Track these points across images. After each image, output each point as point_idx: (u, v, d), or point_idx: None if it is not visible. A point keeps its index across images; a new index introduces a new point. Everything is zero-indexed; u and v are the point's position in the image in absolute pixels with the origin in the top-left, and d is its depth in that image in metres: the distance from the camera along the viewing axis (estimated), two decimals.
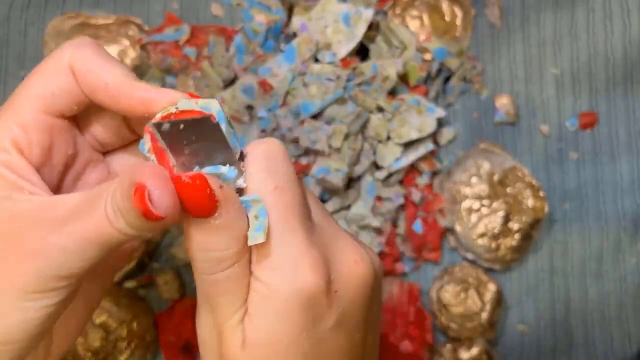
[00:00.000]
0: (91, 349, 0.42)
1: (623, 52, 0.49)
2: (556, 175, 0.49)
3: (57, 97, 0.22)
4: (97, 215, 0.20)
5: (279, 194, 0.22)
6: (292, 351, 0.22)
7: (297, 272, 0.21)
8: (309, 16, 0.46)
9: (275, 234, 0.21)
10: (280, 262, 0.21)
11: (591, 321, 0.47)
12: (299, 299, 0.21)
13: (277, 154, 0.22)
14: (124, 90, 0.22)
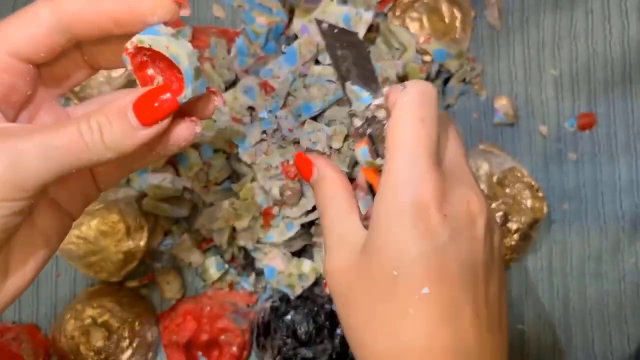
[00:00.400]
0: (93, 348, 0.42)
1: (622, 53, 0.49)
2: (555, 175, 0.49)
3: (28, 45, 0.23)
4: (68, 131, 0.22)
5: (422, 125, 0.25)
6: (397, 257, 0.25)
7: (415, 187, 0.25)
8: (309, 18, 0.46)
9: (406, 155, 0.25)
10: (404, 177, 0.25)
11: (590, 321, 0.48)
12: (413, 209, 0.24)
13: (430, 94, 0.26)
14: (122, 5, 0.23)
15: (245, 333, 0.45)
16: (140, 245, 0.43)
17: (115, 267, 0.43)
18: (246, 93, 0.45)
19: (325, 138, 0.43)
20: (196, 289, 0.47)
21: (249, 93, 0.45)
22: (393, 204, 0.25)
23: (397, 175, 0.25)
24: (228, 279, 0.46)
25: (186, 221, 0.46)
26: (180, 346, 0.44)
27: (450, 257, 0.25)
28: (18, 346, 0.43)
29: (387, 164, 0.26)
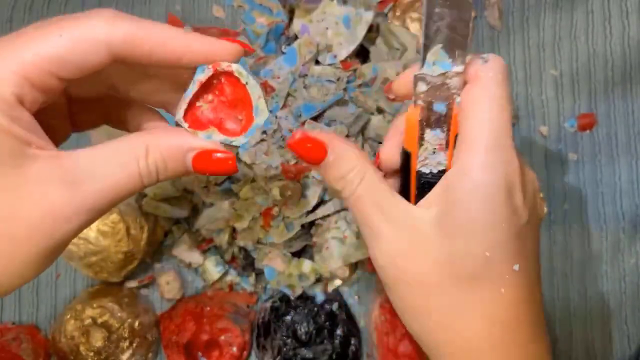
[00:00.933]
0: (93, 348, 0.42)
1: (622, 53, 0.49)
2: (555, 176, 0.49)
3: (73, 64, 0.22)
4: (130, 174, 0.23)
5: (508, 104, 0.25)
6: (490, 237, 0.24)
7: (506, 167, 0.24)
8: (309, 18, 0.46)
9: (493, 134, 0.24)
10: (493, 157, 0.24)
11: (590, 321, 0.48)
12: (505, 189, 0.24)
13: (508, 70, 0.26)
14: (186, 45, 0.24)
15: (246, 333, 0.45)
16: (140, 245, 0.43)
17: (115, 267, 0.43)
18: None
19: None
20: (196, 289, 0.47)
21: None
22: (481, 182, 0.24)
23: (486, 154, 0.24)
24: (228, 279, 0.46)
25: (186, 221, 0.46)
26: (180, 346, 0.44)
27: (528, 234, 0.25)
28: (18, 346, 0.43)
29: (469, 141, 0.24)
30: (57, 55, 0.22)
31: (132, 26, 0.23)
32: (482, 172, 0.24)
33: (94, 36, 0.22)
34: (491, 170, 0.24)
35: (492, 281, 0.24)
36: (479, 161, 0.24)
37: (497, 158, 0.24)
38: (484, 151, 0.24)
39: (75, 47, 0.22)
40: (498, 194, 0.24)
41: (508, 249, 0.24)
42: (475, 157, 0.24)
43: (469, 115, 0.25)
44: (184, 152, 0.24)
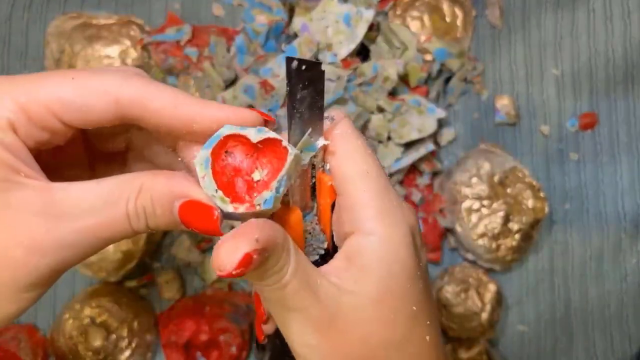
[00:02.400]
0: (92, 348, 0.42)
1: (623, 52, 0.49)
2: (556, 175, 0.49)
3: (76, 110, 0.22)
4: (117, 214, 0.21)
5: (374, 156, 0.25)
6: (414, 291, 0.24)
7: (403, 216, 0.24)
8: (310, 17, 0.46)
9: (378, 190, 0.24)
10: (390, 211, 0.24)
11: (591, 321, 0.47)
12: (410, 238, 0.24)
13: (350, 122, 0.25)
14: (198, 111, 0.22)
15: (245, 333, 0.44)
16: (139, 245, 0.43)
17: (114, 266, 0.43)
18: (246, 92, 0.45)
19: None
20: (195, 289, 0.46)
21: (249, 92, 0.45)
22: (388, 241, 0.23)
23: (381, 215, 0.23)
24: (227, 279, 0.46)
25: None
26: (179, 346, 0.44)
27: (425, 283, 0.26)
28: (16, 346, 0.43)
29: (358, 206, 0.23)
30: (61, 96, 0.21)
31: (144, 85, 0.22)
32: (381, 228, 0.23)
33: (104, 88, 0.22)
34: (390, 223, 0.23)
35: (423, 329, 0.25)
36: (372, 217, 0.23)
37: (388, 210, 0.24)
38: (370, 206, 0.23)
39: (81, 93, 0.21)
40: (407, 247, 0.24)
41: (427, 297, 0.25)
42: (363, 215, 0.23)
43: (347, 179, 0.24)
44: (173, 197, 0.22)
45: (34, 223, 0.20)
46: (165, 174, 0.22)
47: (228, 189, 0.22)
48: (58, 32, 0.47)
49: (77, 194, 0.21)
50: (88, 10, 0.48)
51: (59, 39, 0.46)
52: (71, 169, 0.26)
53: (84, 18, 0.47)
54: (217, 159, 0.22)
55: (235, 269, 0.19)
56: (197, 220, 0.22)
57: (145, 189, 0.22)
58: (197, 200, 0.22)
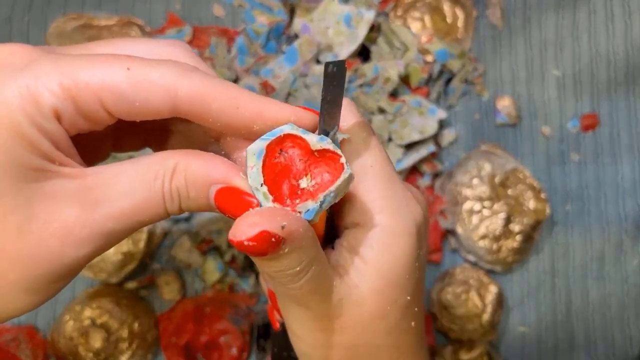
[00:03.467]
0: (92, 349, 0.42)
1: (625, 53, 0.49)
2: (558, 176, 0.49)
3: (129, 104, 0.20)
4: (153, 196, 0.20)
5: (380, 148, 0.24)
6: (411, 282, 0.24)
7: (408, 208, 0.24)
8: (310, 17, 0.46)
9: (383, 182, 0.24)
10: (393, 203, 0.24)
11: (592, 323, 0.47)
12: (414, 229, 0.24)
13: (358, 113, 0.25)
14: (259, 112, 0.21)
15: (245, 334, 0.44)
16: (139, 246, 0.43)
17: (114, 267, 0.42)
18: None
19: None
20: (196, 290, 0.46)
21: None
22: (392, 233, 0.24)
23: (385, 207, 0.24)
24: (228, 280, 0.46)
25: (186, 222, 0.46)
26: (179, 348, 0.43)
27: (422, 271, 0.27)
28: (16, 347, 0.43)
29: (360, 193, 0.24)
30: (117, 89, 0.20)
31: (204, 82, 0.20)
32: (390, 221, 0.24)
33: (162, 82, 0.20)
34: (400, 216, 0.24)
35: (410, 316, 0.25)
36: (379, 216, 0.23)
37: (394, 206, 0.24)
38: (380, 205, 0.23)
39: (137, 87, 0.20)
40: (409, 240, 0.24)
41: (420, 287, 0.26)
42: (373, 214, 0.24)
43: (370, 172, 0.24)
44: (208, 181, 0.21)
45: (69, 213, 0.20)
46: (202, 155, 0.21)
47: (273, 187, 0.21)
48: (59, 33, 0.46)
49: (112, 177, 0.20)
50: (89, 11, 0.48)
51: (60, 40, 0.46)
52: (94, 140, 0.25)
53: (85, 19, 0.47)
54: (270, 154, 0.21)
55: (248, 239, 0.19)
56: (233, 208, 0.21)
57: (179, 170, 0.21)
58: (236, 188, 0.21)
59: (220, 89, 0.21)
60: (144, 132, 0.27)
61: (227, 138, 0.23)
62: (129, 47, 0.22)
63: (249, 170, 0.20)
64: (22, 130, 0.18)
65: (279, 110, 0.22)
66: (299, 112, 0.22)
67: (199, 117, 0.21)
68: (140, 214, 0.20)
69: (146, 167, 0.20)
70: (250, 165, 0.20)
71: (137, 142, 0.27)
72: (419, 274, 0.25)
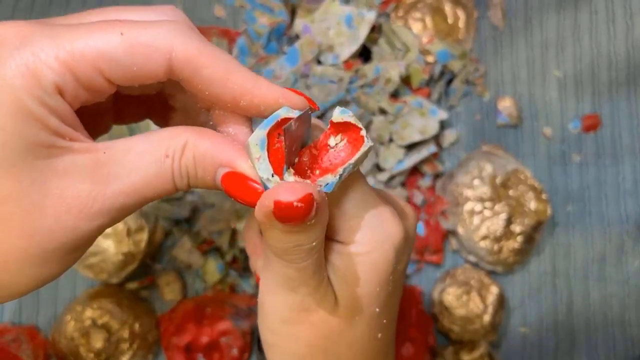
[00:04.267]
0: (93, 350, 0.42)
1: (626, 54, 0.49)
2: (559, 177, 0.48)
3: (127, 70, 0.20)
4: (163, 172, 0.21)
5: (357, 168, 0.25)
6: (382, 295, 0.24)
7: (382, 227, 0.24)
8: (311, 18, 0.46)
9: (358, 202, 0.24)
10: (368, 223, 0.24)
11: (593, 324, 0.47)
12: (387, 246, 0.24)
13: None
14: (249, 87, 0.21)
15: (246, 335, 0.44)
16: (140, 246, 0.43)
17: (115, 268, 0.42)
18: None
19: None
20: (197, 290, 0.46)
21: None
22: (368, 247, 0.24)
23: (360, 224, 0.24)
24: (229, 280, 0.46)
25: (187, 222, 0.46)
26: (180, 348, 0.43)
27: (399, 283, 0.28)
28: (18, 347, 0.43)
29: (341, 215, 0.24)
30: (112, 55, 0.19)
31: (199, 46, 0.20)
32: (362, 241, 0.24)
33: (156, 45, 0.20)
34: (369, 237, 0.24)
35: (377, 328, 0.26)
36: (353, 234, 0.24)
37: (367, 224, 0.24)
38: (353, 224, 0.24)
39: (132, 51, 0.20)
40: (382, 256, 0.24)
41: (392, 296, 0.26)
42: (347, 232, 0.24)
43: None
44: (216, 163, 0.21)
45: (82, 188, 0.20)
46: (211, 135, 0.21)
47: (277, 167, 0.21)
48: None
49: (123, 153, 0.20)
50: None
51: None
52: (94, 112, 0.25)
53: None
54: (271, 140, 0.21)
55: (298, 200, 0.19)
56: (240, 192, 0.21)
57: (188, 148, 0.21)
58: (242, 174, 0.21)
59: (214, 55, 0.21)
60: (145, 105, 0.27)
61: (216, 111, 0.23)
62: (123, 14, 0.22)
63: (256, 163, 0.21)
64: (28, 108, 0.18)
65: (268, 90, 0.22)
66: (289, 95, 0.22)
67: (190, 83, 0.21)
68: (150, 189, 0.21)
69: (156, 143, 0.21)
70: (256, 157, 0.21)
71: (138, 115, 0.27)
72: (393, 287, 0.25)
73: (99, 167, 0.20)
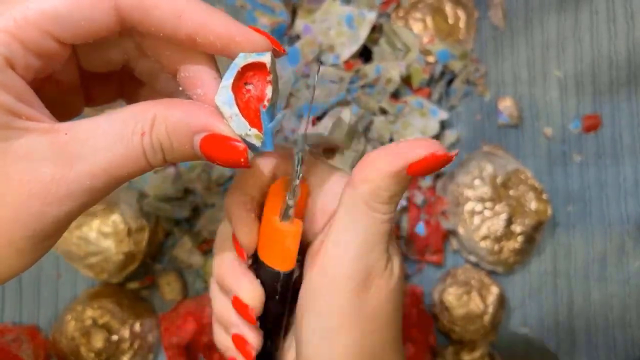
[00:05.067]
0: (94, 349, 0.42)
1: (627, 54, 0.49)
2: (559, 177, 0.48)
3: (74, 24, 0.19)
4: (132, 150, 0.20)
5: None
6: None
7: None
8: (312, 18, 0.46)
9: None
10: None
11: (594, 324, 0.47)
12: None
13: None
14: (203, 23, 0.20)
15: None
16: (141, 246, 0.43)
17: (116, 268, 0.42)
18: None
19: (327, 138, 0.42)
20: (197, 290, 0.46)
21: None
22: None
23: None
24: None
25: (187, 222, 0.46)
26: (181, 348, 0.43)
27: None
28: (18, 347, 0.43)
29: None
30: (54, 12, 0.18)
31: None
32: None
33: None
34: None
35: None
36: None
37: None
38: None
39: (77, 4, 0.19)
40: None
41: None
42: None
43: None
44: (191, 131, 0.20)
45: (44, 171, 0.19)
46: (181, 104, 0.20)
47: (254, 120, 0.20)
48: None
49: (86, 132, 0.19)
50: None
51: None
52: (63, 93, 0.24)
53: None
54: (238, 93, 0.20)
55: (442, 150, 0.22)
56: (222, 154, 0.20)
57: (158, 122, 0.20)
58: (221, 135, 0.20)
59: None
60: (114, 83, 0.26)
61: (181, 74, 0.23)
62: None
63: (230, 121, 0.20)
64: None
65: (224, 24, 0.21)
66: (246, 32, 0.21)
67: (143, 27, 0.20)
68: (119, 169, 0.20)
69: (121, 121, 0.20)
70: (228, 116, 0.20)
71: (109, 94, 0.26)
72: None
73: (61, 148, 0.19)
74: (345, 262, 0.23)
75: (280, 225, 0.25)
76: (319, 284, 0.24)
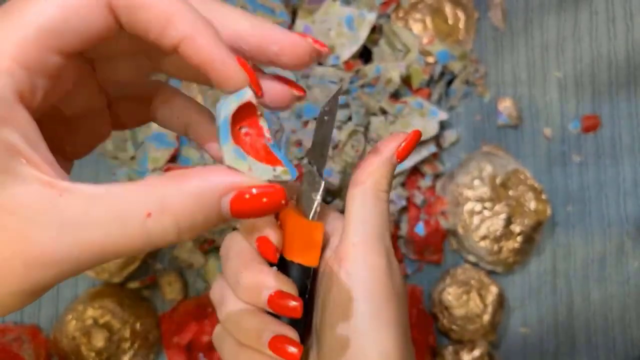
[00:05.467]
0: (94, 349, 0.42)
1: (626, 55, 0.49)
2: (559, 178, 0.49)
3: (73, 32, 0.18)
4: (131, 232, 0.18)
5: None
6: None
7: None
8: (312, 19, 0.46)
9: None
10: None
11: (594, 324, 0.47)
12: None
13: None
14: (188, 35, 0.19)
15: None
16: None
17: (117, 268, 0.43)
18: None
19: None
20: (198, 290, 0.46)
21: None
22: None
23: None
24: None
25: None
26: (181, 347, 0.44)
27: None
28: (19, 347, 0.43)
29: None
30: (53, 24, 0.18)
31: None
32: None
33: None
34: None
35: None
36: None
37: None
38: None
39: (72, 11, 0.18)
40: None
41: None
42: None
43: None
44: (217, 197, 0.19)
45: (34, 231, 0.17)
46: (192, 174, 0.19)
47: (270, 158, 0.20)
48: None
49: (83, 200, 0.18)
50: None
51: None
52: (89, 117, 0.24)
53: None
54: (240, 142, 0.20)
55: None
56: (257, 205, 0.19)
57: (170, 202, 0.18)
58: (248, 188, 0.19)
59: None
60: (144, 105, 0.25)
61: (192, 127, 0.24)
62: None
63: (251, 173, 0.20)
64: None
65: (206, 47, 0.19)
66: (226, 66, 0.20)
67: (130, 28, 0.19)
68: (114, 247, 0.18)
69: (124, 198, 0.18)
70: (247, 169, 0.20)
71: (138, 117, 0.26)
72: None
73: (56, 209, 0.17)
74: (374, 247, 0.25)
75: (307, 220, 0.26)
76: (356, 270, 0.25)
